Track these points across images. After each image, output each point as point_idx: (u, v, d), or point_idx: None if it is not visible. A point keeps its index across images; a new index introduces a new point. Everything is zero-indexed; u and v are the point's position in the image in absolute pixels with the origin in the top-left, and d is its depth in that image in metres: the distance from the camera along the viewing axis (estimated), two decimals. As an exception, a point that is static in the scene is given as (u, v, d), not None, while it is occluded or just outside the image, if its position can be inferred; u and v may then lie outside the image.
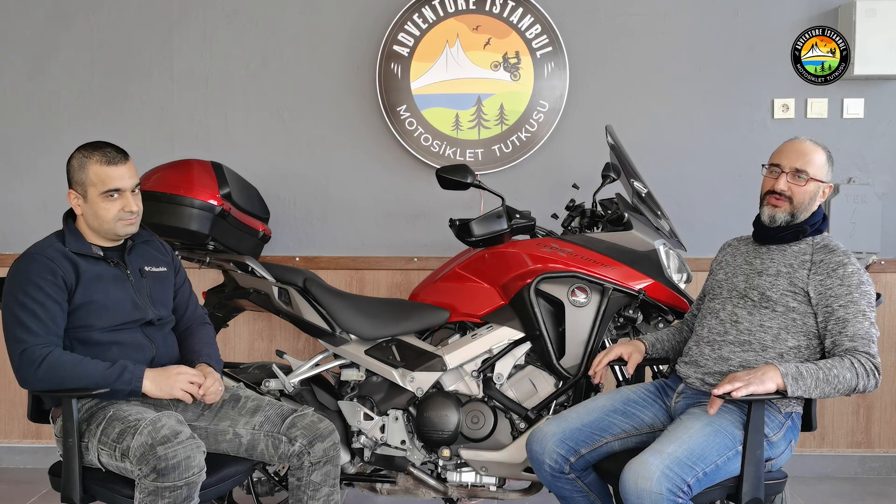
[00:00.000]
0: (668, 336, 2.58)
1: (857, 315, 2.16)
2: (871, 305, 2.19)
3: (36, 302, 2.17)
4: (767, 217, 2.33)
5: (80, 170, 2.28)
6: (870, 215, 3.54)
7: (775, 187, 2.31)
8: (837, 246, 2.28)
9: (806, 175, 2.28)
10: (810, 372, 2.10)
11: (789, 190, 2.29)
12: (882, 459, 3.67)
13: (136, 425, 2.11)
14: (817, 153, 2.31)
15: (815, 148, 2.32)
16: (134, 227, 2.34)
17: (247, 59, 3.64)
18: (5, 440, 3.75)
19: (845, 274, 2.20)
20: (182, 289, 2.53)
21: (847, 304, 2.17)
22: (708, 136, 3.61)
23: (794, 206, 2.30)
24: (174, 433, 2.09)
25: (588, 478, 2.37)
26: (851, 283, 2.19)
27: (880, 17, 3.39)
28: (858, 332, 2.14)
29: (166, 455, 2.04)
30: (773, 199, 2.32)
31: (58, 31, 3.65)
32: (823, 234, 2.34)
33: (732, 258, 2.47)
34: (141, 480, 2.06)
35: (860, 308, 2.16)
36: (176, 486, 2.05)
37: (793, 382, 2.08)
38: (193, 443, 2.11)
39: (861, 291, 2.18)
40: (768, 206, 2.33)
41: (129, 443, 2.09)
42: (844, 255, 2.24)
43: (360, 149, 3.65)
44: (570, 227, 2.97)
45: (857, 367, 2.10)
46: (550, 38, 3.54)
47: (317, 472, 2.34)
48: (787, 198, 2.29)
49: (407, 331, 2.86)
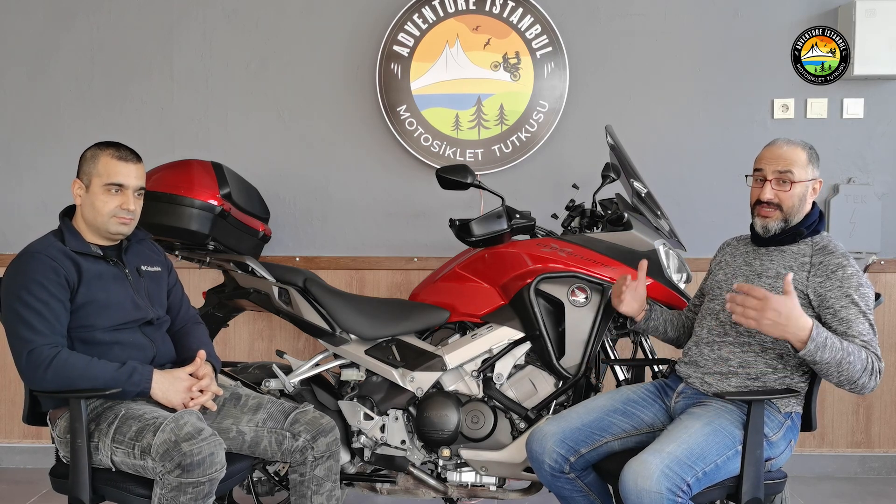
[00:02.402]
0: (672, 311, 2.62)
1: (860, 316, 2.15)
2: (870, 308, 2.18)
3: (40, 301, 2.17)
4: (761, 228, 2.32)
5: (91, 160, 2.32)
6: (870, 215, 3.54)
7: (762, 197, 2.29)
8: (836, 247, 2.26)
9: (790, 177, 2.26)
10: (834, 349, 2.05)
11: (776, 198, 2.27)
12: (882, 459, 3.67)
13: (156, 423, 2.12)
14: (798, 153, 2.28)
15: (794, 148, 2.29)
16: (127, 227, 2.35)
17: (247, 59, 3.64)
18: (5, 440, 3.75)
19: (844, 276, 2.19)
20: (175, 289, 2.54)
21: (848, 306, 2.16)
22: (708, 136, 3.61)
23: (784, 213, 2.28)
24: (197, 430, 2.10)
25: (588, 477, 2.37)
26: (851, 285, 2.18)
27: (880, 17, 3.39)
28: (864, 332, 2.13)
29: (191, 451, 2.05)
30: (762, 209, 2.30)
31: (58, 31, 3.65)
32: (822, 235, 2.32)
33: (732, 258, 2.46)
34: (164, 477, 2.07)
35: (861, 310, 2.16)
36: (199, 481, 2.07)
37: (813, 349, 2.04)
38: (216, 439, 2.13)
39: (860, 294, 2.17)
40: (759, 217, 2.32)
41: (150, 440, 2.10)
42: (843, 258, 2.22)
43: (360, 149, 3.65)
44: (569, 227, 2.97)
45: (868, 362, 2.09)
46: (550, 39, 3.54)
47: (320, 466, 2.36)
48: (775, 206, 2.28)
49: (407, 331, 2.86)
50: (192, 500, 2.07)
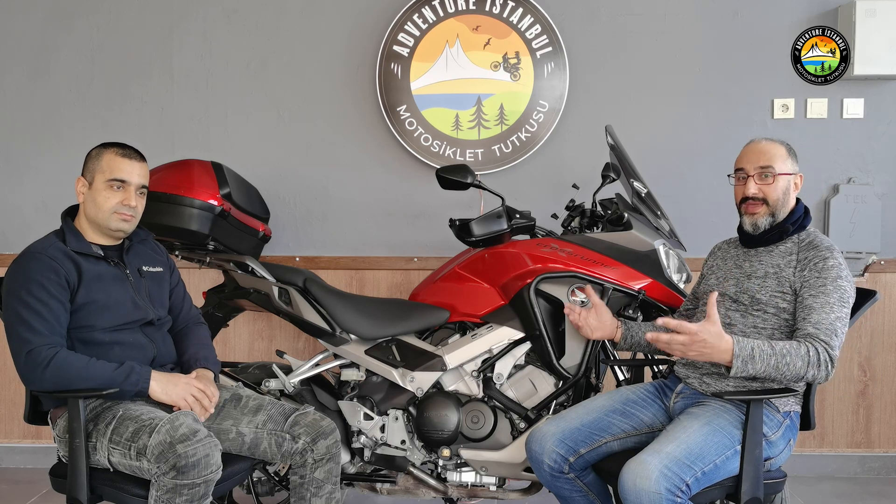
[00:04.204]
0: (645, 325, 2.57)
1: (825, 306, 2.15)
2: (844, 302, 2.16)
3: (40, 301, 2.18)
4: (750, 226, 2.36)
5: (95, 157, 2.34)
6: (870, 215, 3.54)
7: (747, 193, 2.34)
8: (822, 241, 2.28)
9: (772, 171, 2.31)
10: (764, 357, 2.08)
11: (761, 192, 2.32)
12: (882, 459, 3.67)
13: (152, 424, 2.12)
14: (776, 148, 2.34)
15: (772, 144, 2.35)
16: (128, 225, 2.35)
17: (247, 59, 3.64)
18: (5, 440, 3.76)
19: (824, 267, 2.20)
20: (177, 289, 2.54)
21: (817, 294, 2.17)
22: (708, 136, 3.61)
23: (770, 207, 2.32)
24: (193, 431, 2.10)
25: (587, 478, 2.37)
26: (828, 276, 2.18)
27: (880, 17, 3.39)
28: (822, 320, 2.13)
29: (186, 453, 2.05)
30: (749, 206, 2.34)
31: (58, 31, 3.65)
32: (808, 231, 2.34)
33: (723, 262, 2.48)
34: (159, 478, 2.07)
35: (829, 300, 2.15)
36: (195, 483, 2.06)
37: (741, 365, 2.08)
38: (211, 441, 2.12)
39: (835, 285, 2.17)
40: (747, 214, 2.36)
41: (145, 441, 2.10)
42: (828, 251, 2.24)
43: (359, 149, 3.65)
44: (569, 227, 2.97)
45: (810, 356, 2.08)
46: (550, 39, 3.55)
47: (320, 469, 2.35)
48: (761, 200, 2.32)
49: (407, 331, 2.87)
50: (187, 501, 2.07)
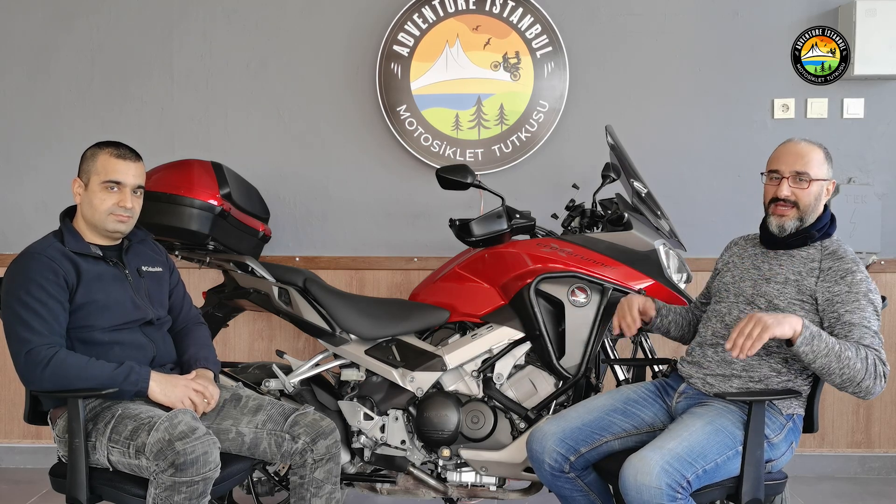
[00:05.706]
0: (677, 310, 2.56)
1: (864, 321, 2.13)
2: (878, 314, 2.16)
3: (39, 301, 2.18)
4: (776, 227, 2.30)
5: (90, 158, 2.33)
6: (870, 215, 3.54)
7: (779, 194, 2.27)
8: (846, 253, 2.24)
9: (807, 177, 2.25)
10: (827, 341, 2.05)
11: (793, 195, 2.26)
12: (882, 459, 3.67)
13: (151, 422, 2.12)
14: (815, 152, 2.28)
15: (811, 147, 2.29)
16: (125, 225, 2.35)
17: (247, 59, 3.64)
18: (5, 440, 3.75)
19: (854, 281, 2.17)
20: (177, 289, 2.54)
21: (854, 310, 2.14)
22: (708, 136, 3.61)
23: (801, 211, 2.27)
24: (191, 429, 2.10)
25: (588, 477, 2.37)
26: (860, 290, 2.16)
27: (880, 17, 3.39)
28: (865, 336, 2.11)
29: (185, 450, 2.05)
30: (778, 207, 2.28)
31: (58, 31, 3.65)
32: (832, 239, 2.30)
33: (740, 260, 2.44)
34: (158, 476, 2.07)
35: (866, 315, 2.14)
36: (193, 480, 2.06)
37: (808, 338, 2.04)
38: (210, 439, 2.13)
39: (868, 300, 2.16)
40: (775, 215, 2.30)
41: (144, 439, 2.10)
42: (853, 263, 2.21)
43: (359, 149, 3.65)
44: (570, 227, 2.97)
45: (868, 362, 2.07)
46: (550, 38, 3.54)
47: (319, 469, 2.35)
48: (792, 203, 2.26)
49: (407, 331, 2.86)
50: (186, 499, 2.07)
